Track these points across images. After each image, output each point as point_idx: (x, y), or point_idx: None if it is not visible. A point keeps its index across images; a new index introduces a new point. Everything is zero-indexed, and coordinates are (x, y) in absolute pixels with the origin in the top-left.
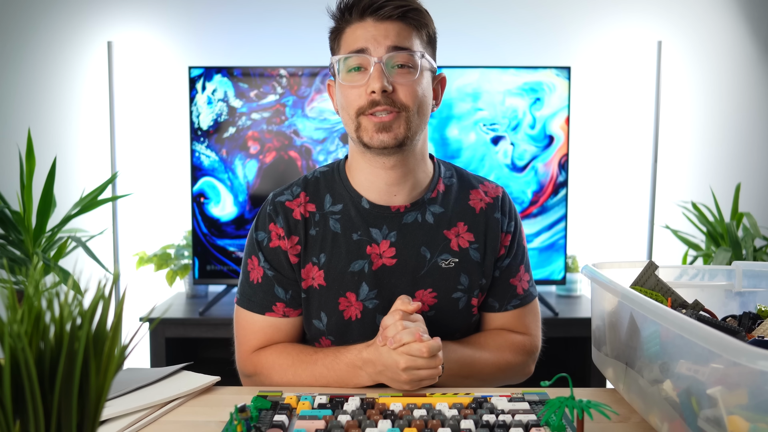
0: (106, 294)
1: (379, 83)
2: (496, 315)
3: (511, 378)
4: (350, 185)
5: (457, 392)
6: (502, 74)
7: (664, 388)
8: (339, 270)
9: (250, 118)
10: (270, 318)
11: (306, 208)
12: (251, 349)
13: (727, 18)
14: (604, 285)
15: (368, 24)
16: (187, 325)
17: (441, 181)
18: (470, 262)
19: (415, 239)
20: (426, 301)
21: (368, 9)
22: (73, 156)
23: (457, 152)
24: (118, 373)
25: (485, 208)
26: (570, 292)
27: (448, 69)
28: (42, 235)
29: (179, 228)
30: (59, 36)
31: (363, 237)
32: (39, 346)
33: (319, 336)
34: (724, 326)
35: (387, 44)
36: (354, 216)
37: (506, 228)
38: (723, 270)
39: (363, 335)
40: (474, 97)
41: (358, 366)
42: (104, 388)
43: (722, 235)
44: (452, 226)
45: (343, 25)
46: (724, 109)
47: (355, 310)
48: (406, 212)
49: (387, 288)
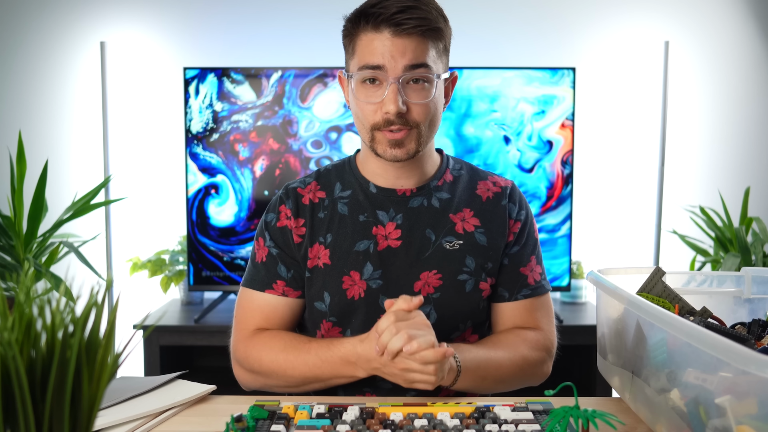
0: (98, 301)
1: (395, 107)
2: (507, 306)
3: (530, 377)
4: (359, 173)
5: (459, 401)
6: (524, 84)
7: (672, 398)
8: (344, 249)
9: (243, 121)
10: (269, 296)
11: (316, 194)
12: (247, 330)
13: (736, 17)
14: (609, 291)
15: (385, 37)
16: (181, 333)
17: (449, 171)
18: (476, 245)
19: (420, 222)
20: (431, 282)
21: (387, 22)
22: (65, 159)
23: (477, 146)
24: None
25: (492, 197)
26: (575, 298)
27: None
28: (33, 241)
29: (174, 233)
30: (50, 36)
31: (369, 218)
32: (30, 354)
33: (320, 319)
34: (732, 334)
35: (404, 63)
36: (362, 199)
37: (516, 216)
38: (732, 276)
39: (365, 317)
40: (492, 99)
41: (352, 361)
42: (97, 398)
43: (731, 241)
44: (458, 211)
45: (358, 30)
46: (733, 111)
47: (358, 289)
48: (413, 196)
49: (391, 269)
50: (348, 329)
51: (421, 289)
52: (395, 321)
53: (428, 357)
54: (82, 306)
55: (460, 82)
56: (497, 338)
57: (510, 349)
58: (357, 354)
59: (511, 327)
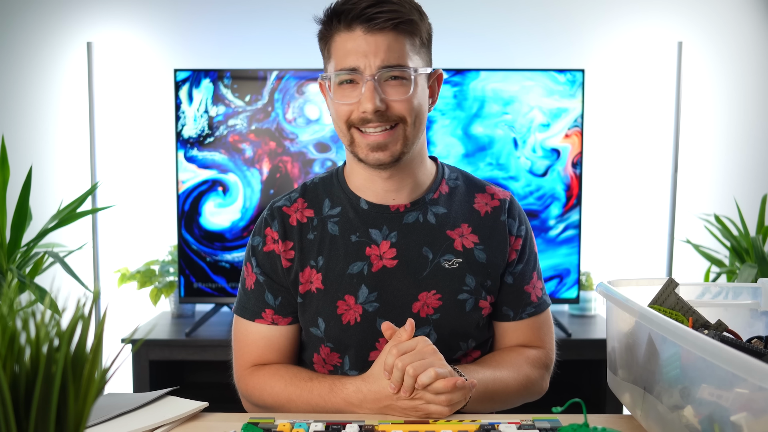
0: (85, 313)
1: (372, 104)
2: (511, 325)
3: (531, 395)
4: (348, 188)
5: (463, 419)
6: (543, 95)
7: (685, 415)
8: (337, 272)
9: (238, 123)
10: (260, 326)
11: (304, 214)
12: (246, 364)
13: (752, 17)
14: (620, 304)
15: (358, 35)
16: (172, 347)
17: (444, 182)
18: (475, 262)
19: (416, 240)
20: (430, 303)
21: (358, 19)
22: (50, 165)
23: (490, 144)
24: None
25: (491, 212)
26: (584, 311)
27: (449, 71)
28: (17, 250)
29: (164, 243)
30: (35, 36)
31: (362, 238)
32: (13, 370)
33: (318, 344)
34: (749, 348)
35: (378, 62)
36: (352, 218)
37: (516, 232)
38: (748, 288)
39: (363, 342)
40: (506, 102)
41: (356, 404)
42: (83, 415)
43: (747, 251)
44: (456, 227)
45: (331, 31)
46: (750, 115)
47: (354, 313)
48: (407, 212)
49: (388, 291)
50: (346, 354)
51: (419, 310)
52: (399, 354)
53: (439, 387)
54: (68, 319)
55: (473, 83)
56: (500, 357)
57: (514, 369)
58: (363, 395)
59: (515, 345)
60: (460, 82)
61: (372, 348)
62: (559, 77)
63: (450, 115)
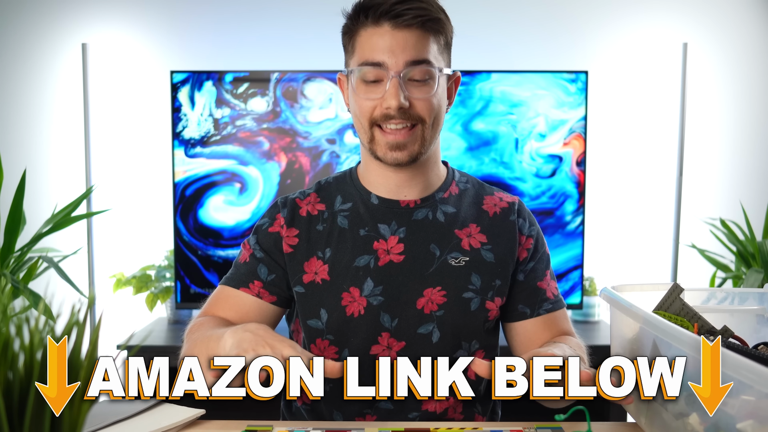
0: (80, 319)
1: (396, 101)
2: (530, 324)
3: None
4: (360, 184)
5: (464, 426)
6: (553, 107)
7: (690, 423)
8: (344, 264)
9: (246, 123)
10: (242, 294)
11: (315, 207)
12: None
13: (758, 18)
14: (624, 309)
15: (385, 31)
16: (168, 354)
17: (454, 183)
18: (482, 262)
19: (424, 236)
20: (435, 299)
21: (386, 14)
22: (44, 168)
23: (494, 139)
24: (93, 406)
25: (499, 213)
26: (587, 317)
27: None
28: (10, 255)
29: (160, 247)
30: (29, 37)
31: (370, 232)
32: (7, 376)
33: (315, 337)
34: (755, 355)
35: (405, 58)
36: (362, 212)
37: (527, 232)
38: (754, 293)
39: (365, 335)
40: (515, 104)
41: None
42: (78, 423)
43: (753, 255)
44: (464, 226)
45: (357, 26)
46: (756, 118)
47: (358, 306)
48: (417, 208)
49: (393, 285)
50: (345, 348)
51: (424, 306)
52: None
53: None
54: (62, 325)
55: (479, 84)
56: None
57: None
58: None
59: (538, 344)
60: (467, 82)
61: (374, 342)
62: (570, 87)
63: (450, 112)
